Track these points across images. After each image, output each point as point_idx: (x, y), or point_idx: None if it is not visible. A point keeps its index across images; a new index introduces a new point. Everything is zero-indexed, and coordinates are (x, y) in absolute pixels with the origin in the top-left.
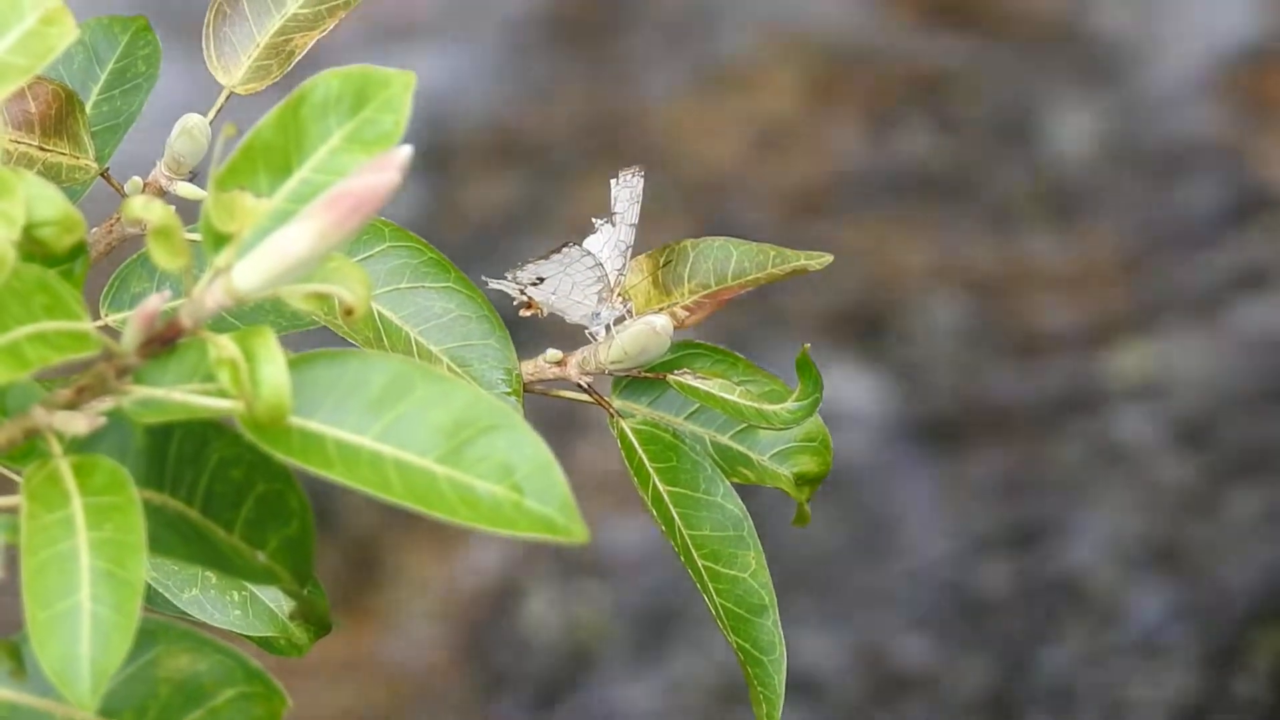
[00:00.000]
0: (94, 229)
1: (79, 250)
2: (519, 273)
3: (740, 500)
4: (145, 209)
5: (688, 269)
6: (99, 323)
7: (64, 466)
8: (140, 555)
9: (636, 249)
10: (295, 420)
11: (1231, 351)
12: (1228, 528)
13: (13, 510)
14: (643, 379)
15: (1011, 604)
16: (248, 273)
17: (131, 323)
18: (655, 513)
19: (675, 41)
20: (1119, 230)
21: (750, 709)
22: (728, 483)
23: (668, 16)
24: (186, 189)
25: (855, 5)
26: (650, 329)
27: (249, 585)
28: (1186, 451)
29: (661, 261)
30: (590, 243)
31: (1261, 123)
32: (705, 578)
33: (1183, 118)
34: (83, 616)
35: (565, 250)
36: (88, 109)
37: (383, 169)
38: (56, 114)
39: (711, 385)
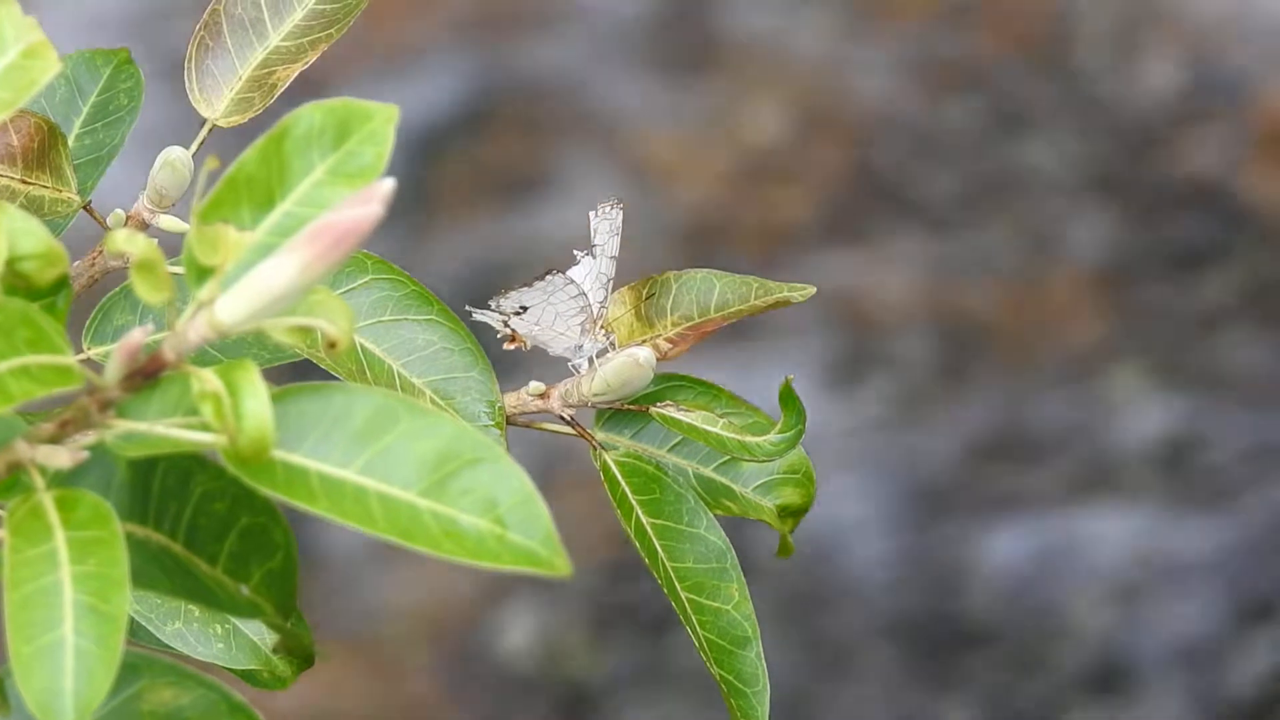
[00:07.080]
0: (77, 262)
1: (62, 284)
2: (502, 300)
3: (723, 532)
4: (128, 242)
5: (670, 301)
6: (81, 356)
7: (47, 500)
8: (123, 589)
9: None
10: (279, 454)
11: None
12: None
13: None
14: (626, 411)
15: None
16: (231, 306)
17: (114, 356)
18: (638, 544)
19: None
20: None
21: None
22: (711, 515)
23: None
24: (169, 222)
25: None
26: (633, 361)
27: (232, 618)
28: None
29: (644, 294)
30: (571, 275)
31: None
32: (688, 609)
33: None
34: (66, 651)
35: (549, 278)
36: (70, 142)
37: (365, 202)
38: (39, 147)
39: (694, 417)
